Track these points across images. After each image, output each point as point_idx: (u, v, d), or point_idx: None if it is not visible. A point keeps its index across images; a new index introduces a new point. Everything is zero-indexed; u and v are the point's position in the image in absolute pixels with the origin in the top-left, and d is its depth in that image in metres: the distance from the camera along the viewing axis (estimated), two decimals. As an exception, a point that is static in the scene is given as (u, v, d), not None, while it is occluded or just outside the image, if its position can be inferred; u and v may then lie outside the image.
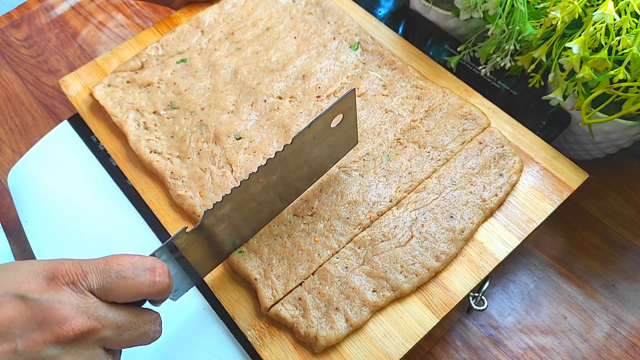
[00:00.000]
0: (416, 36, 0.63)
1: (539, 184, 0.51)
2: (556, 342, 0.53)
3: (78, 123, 0.61)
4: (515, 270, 0.57)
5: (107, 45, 0.79)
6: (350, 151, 0.52)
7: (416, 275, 0.46)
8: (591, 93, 0.49)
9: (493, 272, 0.48)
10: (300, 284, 0.46)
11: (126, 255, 0.34)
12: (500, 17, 0.53)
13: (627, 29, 0.45)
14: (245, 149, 0.53)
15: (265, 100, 0.56)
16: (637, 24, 0.46)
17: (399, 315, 0.45)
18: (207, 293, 0.49)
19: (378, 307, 0.45)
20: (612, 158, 0.61)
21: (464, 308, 0.53)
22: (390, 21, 0.65)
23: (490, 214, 0.49)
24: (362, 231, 0.48)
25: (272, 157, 0.41)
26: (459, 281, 0.46)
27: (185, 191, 0.52)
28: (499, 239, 0.48)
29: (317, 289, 0.46)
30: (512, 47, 0.54)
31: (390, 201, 0.50)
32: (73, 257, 0.53)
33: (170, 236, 0.51)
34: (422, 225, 0.48)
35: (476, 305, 0.48)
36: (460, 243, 0.47)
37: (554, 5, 0.50)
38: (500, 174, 0.50)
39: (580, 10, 0.47)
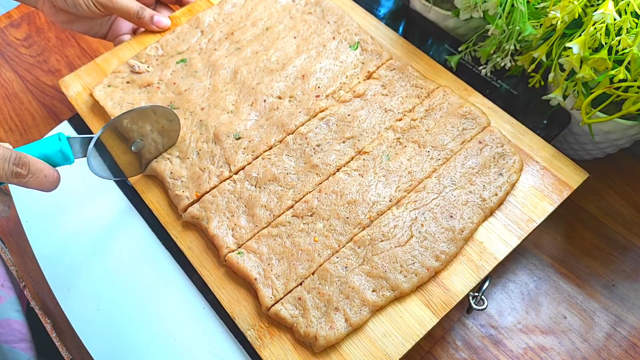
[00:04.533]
0: (416, 36, 0.63)
1: (539, 184, 0.51)
2: (556, 342, 0.53)
3: (78, 123, 0.61)
4: (515, 270, 0.57)
5: (107, 45, 0.79)
6: (351, 152, 0.52)
7: (416, 275, 0.46)
8: (591, 93, 0.48)
9: (493, 271, 0.48)
10: (300, 284, 0.46)
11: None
12: (500, 17, 0.53)
13: (627, 28, 0.45)
14: (244, 148, 0.53)
15: (264, 100, 0.56)
16: (637, 23, 0.46)
17: (399, 315, 0.45)
18: (207, 293, 0.49)
19: (378, 307, 0.45)
20: (612, 158, 0.61)
21: (464, 308, 0.53)
22: (390, 21, 0.65)
23: (490, 213, 0.49)
24: (362, 231, 0.48)
25: None
26: (459, 281, 0.46)
27: (183, 191, 0.52)
28: (499, 239, 0.48)
29: (317, 289, 0.46)
30: (512, 47, 0.54)
31: (389, 201, 0.49)
32: (74, 257, 0.53)
33: (170, 237, 0.52)
34: (422, 224, 0.48)
35: (476, 305, 0.48)
36: (460, 243, 0.47)
37: (554, 5, 0.50)
38: (500, 174, 0.50)
39: (580, 10, 0.47)
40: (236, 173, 0.52)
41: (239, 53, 0.61)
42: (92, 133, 0.59)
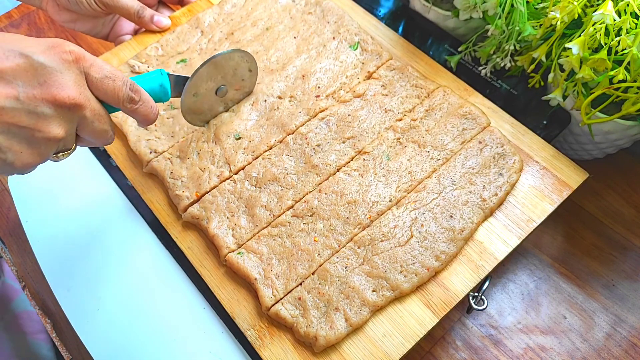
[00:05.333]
0: (416, 36, 0.63)
1: (539, 184, 0.51)
2: (556, 342, 0.53)
3: (78, 123, 0.61)
4: (515, 270, 0.57)
5: (107, 45, 0.79)
6: (351, 151, 0.52)
7: (416, 275, 0.46)
8: (591, 93, 0.49)
9: (493, 271, 0.48)
10: (300, 284, 0.46)
11: (118, 72, 0.40)
12: (499, 18, 0.53)
13: (626, 29, 0.45)
14: (244, 148, 0.53)
15: (265, 100, 0.56)
16: (636, 24, 0.46)
17: (399, 315, 0.45)
18: (207, 293, 0.49)
19: (378, 307, 0.45)
20: (612, 158, 0.61)
21: (464, 308, 0.53)
22: (390, 21, 0.65)
23: (490, 213, 0.49)
24: (362, 231, 0.48)
25: None
26: (459, 281, 0.46)
27: (183, 191, 0.52)
28: (499, 239, 0.48)
29: (317, 289, 0.46)
30: (512, 47, 0.54)
31: (390, 201, 0.50)
32: (74, 257, 0.53)
33: (170, 236, 0.52)
34: (422, 224, 0.48)
35: (476, 305, 0.48)
36: (460, 243, 0.47)
37: (554, 6, 0.50)
38: (500, 174, 0.50)
39: (579, 10, 0.47)
40: (236, 173, 0.52)
41: (239, 53, 0.61)
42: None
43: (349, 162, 0.52)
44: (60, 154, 0.38)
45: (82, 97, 0.36)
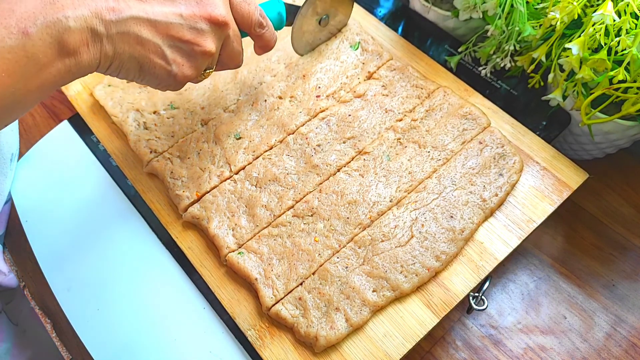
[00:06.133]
0: (416, 36, 0.63)
1: (539, 184, 0.51)
2: (556, 342, 0.53)
3: (78, 123, 0.61)
4: (515, 270, 0.57)
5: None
6: (352, 152, 0.52)
7: (416, 275, 0.46)
8: (591, 93, 0.49)
9: (493, 272, 0.48)
10: (301, 284, 0.46)
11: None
12: (499, 18, 0.53)
13: (626, 29, 0.45)
14: (244, 148, 0.53)
15: (265, 100, 0.56)
16: (636, 24, 0.46)
17: (399, 315, 0.45)
18: (207, 293, 0.49)
19: (378, 307, 0.45)
20: (612, 158, 0.62)
21: (464, 308, 0.53)
22: (390, 21, 0.65)
23: (491, 213, 0.49)
24: (362, 231, 0.48)
25: None
26: (459, 281, 0.46)
27: (183, 191, 0.52)
28: (499, 239, 0.48)
29: (318, 289, 0.46)
30: (511, 48, 0.54)
31: (390, 201, 0.50)
32: (74, 257, 0.53)
33: (170, 236, 0.52)
34: (422, 225, 0.48)
35: (476, 305, 0.48)
36: (460, 243, 0.47)
37: (554, 6, 0.50)
38: (501, 174, 0.50)
39: (579, 10, 0.47)
40: (237, 173, 0.52)
41: (239, 53, 0.61)
42: (92, 133, 0.59)
43: (350, 162, 0.52)
44: (206, 71, 0.43)
45: (228, 16, 0.41)
